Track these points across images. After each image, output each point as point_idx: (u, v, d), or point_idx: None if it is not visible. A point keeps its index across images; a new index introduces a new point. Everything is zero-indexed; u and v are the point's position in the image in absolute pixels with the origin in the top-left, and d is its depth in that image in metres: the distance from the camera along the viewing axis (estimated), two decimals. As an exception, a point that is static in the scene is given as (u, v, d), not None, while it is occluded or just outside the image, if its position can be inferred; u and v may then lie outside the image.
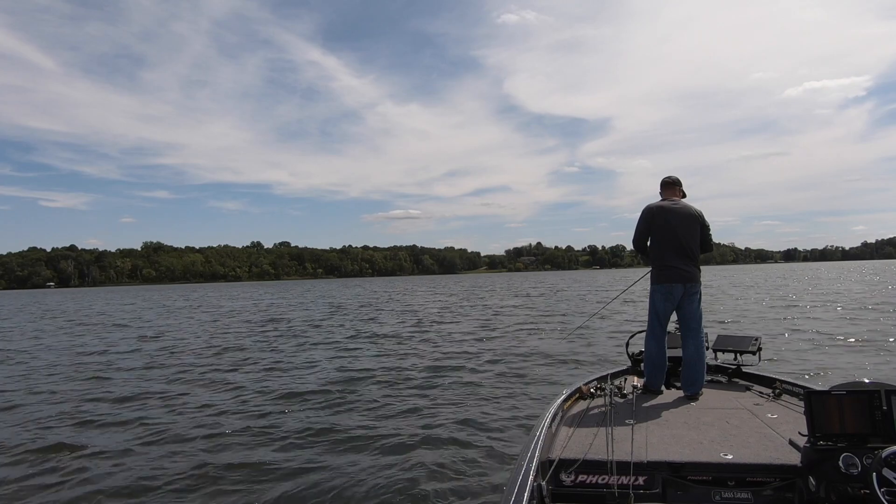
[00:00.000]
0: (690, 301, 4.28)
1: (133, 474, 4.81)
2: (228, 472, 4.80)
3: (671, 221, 4.28)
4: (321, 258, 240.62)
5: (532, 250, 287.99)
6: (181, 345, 14.30)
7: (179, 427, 6.23)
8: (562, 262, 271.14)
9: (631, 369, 4.92)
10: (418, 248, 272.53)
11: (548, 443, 2.98)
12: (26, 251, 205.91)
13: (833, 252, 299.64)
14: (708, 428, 3.25)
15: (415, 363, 10.12)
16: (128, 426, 6.37)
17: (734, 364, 4.65)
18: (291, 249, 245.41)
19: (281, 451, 5.33)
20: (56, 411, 7.15)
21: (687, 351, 4.20)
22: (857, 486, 2.25)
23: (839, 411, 2.39)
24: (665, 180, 4.55)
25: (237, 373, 9.77)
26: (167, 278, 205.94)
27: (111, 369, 10.55)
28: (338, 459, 5.03)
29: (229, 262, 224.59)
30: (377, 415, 6.57)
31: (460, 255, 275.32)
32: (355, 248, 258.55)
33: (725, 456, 2.78)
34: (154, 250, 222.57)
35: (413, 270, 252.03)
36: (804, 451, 2.47)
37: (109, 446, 5.59)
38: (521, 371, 8.90)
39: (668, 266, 4.25)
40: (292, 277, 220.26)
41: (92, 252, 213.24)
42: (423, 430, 5.84)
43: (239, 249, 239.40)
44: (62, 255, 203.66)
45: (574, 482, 2.79)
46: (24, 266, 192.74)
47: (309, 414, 6.71)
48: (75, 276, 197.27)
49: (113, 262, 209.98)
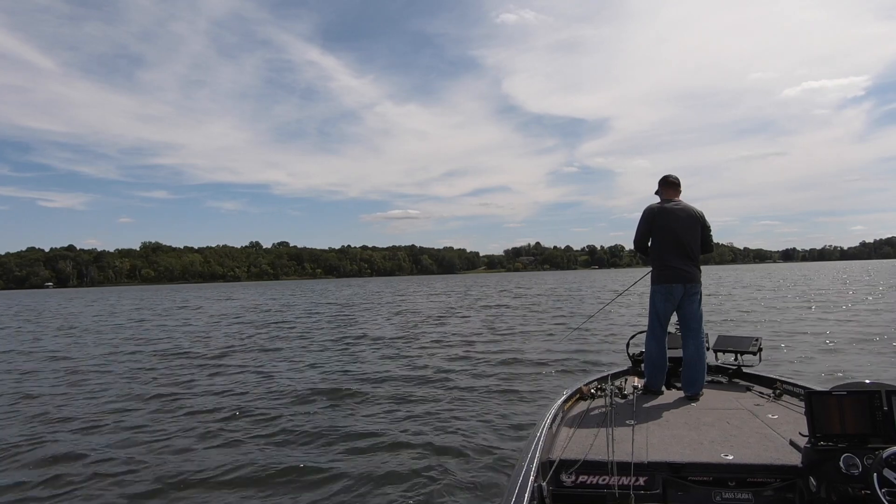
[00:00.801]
0: (691, 301, 4.28)
1: (110, 482, 4.70)
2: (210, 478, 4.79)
3: (673, 222, 4.28)
4: (320, 258, 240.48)
5: (531, 250, 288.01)
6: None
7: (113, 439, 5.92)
8: (560, 262, 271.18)
9: (631, 370, 4.93)
10: (417, 248, 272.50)
11: (548, 443, 2.98)
12: (24, 251, 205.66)
13: (831, 252, 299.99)
14: (708, 428, 3.25)
15: (416, 363, 10.13)
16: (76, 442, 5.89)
17: (734, 364, 4.66)
18: (290, 249, 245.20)
19: (277, 452, 5.32)
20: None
21: (687, 351, 4.20)
22: (857, 486, 2.25)
23: (840, 412, 2.40)
24: (669, 180, 4.49)
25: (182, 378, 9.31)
26: (166, 278, 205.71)
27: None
28: (337, 460, 5.03)
29: (228, 262, 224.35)
30: (375, 416, 6.56)
31: (459, 255, 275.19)
32: (354, 248, 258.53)
33: (726, 456, 2.78)
34: (153, 250, 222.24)
35: (412, 270, 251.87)
36: (805, 451, 2.48)
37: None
38: (521, 371, 8.90)
39: (669, 266, 4.26)
40: (291, 277, 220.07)
41: (90, 252, 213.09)
42: (423, 430, 5.84)
43: (238, 249, 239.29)
44: (60, 255, 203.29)
45: (574, 483, 2.79)
46: (23, 266, 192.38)
47: (307, 413, 6.70)
48: (74, 276, 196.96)
49: (111, 262, 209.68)
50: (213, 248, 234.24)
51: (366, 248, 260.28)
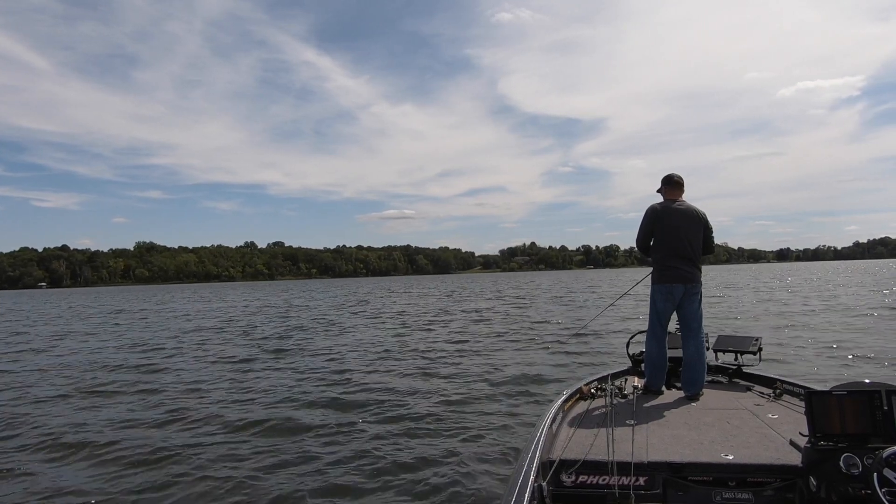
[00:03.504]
0: (691, 301, 4.29)
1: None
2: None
3: (676, 223, 4.27)
4: (315, 258, 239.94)
5: (526, 250, 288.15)
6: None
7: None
8: (556, 262, 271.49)
9: (631, 370, 4.93)
10: (413, 249, 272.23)
11: (548, 443, 2.98)
12: (18, 251, 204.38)
13: (825, 252, 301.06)
14: (708, 428, 3.26)
15: (414, 363, 10.11)
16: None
17: (735, 364, 4.67)
18: (285, 249, 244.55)
19: (273, 455, 5.31)
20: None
21: (687, 351, 4.21)
22: (857, 486, 2.26)
23: (840, 411, 2.41)
24: (673, 180, 4.40)
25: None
26: (160, 279, 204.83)
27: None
28: (337, 461, 5.02)
29: (223, 262, 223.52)
30: (373, 417, 6.55)
31: (455, 256, 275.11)
32: (349, 248, 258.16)
33: (726, 456, 2.79)
34: (147, 250, 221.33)
35: (407, 270, 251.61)
36: (805, 451, 2.48)
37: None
38: (520, 371, 8.89)
39: (670, 266, 4.26)
40: (286, 278, 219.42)
41: (84, 252, 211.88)
42: (423, 430, 5.83)
43: (233, 250, 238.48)
44: (54, 255, 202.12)
45: (575, 483, 2.79)
46: (16, 266, 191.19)
47: (309, 414, 6.69)
48: (67, 276, 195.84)
49: (105, 262, 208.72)
50: (208, 249, 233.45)
51: (361, 249, 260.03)
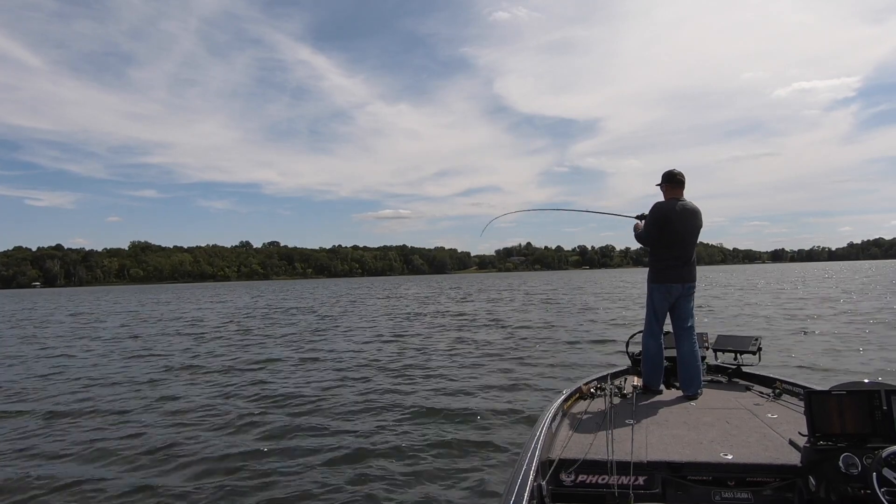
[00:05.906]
0: (687, 300, 4.31)
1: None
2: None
3: (683, 223, 4.25)
4: (311, 258, 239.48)
5: (522, 250, 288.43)
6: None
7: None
8: (552, 262, 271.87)
9: (631, 369, 4.92)
10: (408, 248, 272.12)
11: (548, 443, 2.98)
12: (11, 250, 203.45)
13: (819, 252, 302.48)
14: (708, 428, 3.26)
15: (414, 363, 10.10)
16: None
17: (734, 364, 4.67)
18: (281, 249, 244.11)
19: (275, 454, 5.30)
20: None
21: (682, 349, 4.20)
22: (857, 486, 2.26)
23: (839, 411, 2.41)
24: (676, 178, 4.34)
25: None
26: (155, 278, 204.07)
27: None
28: (336, 461, 5.02)
29: (218, 261, 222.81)
30: (372, 418, 6.55)
31: (450, 255, 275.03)
32: (345, 247, 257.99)
33: (725, 456, 2.79)
34: (141, 250, 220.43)
35: (403, 270, 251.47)
36: (804, 451, 2.49)
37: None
38: (520, 371, 8.90)
39: (670, 266, 4.26)
40: (282, 277, 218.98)
41: (78, 252, 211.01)
42: (423, 430, 5.84)
43: (228, 249, 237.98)
44: (48, 254, 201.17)
45: (574, 482, 2.79)
46: (10, 266, 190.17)
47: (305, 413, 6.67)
48: (61, 275, 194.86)
49: (100, 261, 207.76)
50: (203, 248, 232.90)
51: (357, 248, 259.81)
